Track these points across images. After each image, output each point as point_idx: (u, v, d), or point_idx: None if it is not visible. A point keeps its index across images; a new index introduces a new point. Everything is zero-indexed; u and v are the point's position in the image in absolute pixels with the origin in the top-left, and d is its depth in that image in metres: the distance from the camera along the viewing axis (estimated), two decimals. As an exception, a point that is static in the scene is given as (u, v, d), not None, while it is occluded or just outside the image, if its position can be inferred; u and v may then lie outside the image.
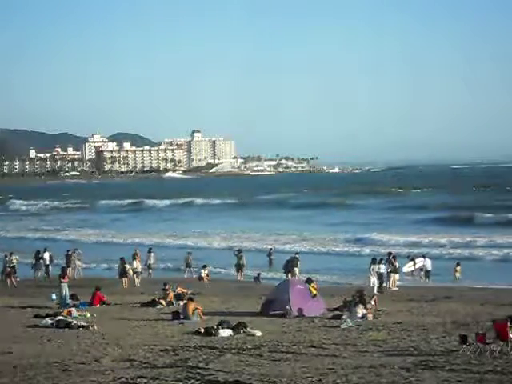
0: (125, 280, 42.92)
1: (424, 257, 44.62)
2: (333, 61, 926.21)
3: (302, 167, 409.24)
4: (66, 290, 34.63)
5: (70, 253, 48.87)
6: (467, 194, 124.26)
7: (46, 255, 48.16)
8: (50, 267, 47.54)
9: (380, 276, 39.31)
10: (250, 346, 21.60)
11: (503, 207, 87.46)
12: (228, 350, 20.97)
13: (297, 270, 44.16)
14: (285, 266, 44.60)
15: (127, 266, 43.39)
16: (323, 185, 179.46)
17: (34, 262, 48.59)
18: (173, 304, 32.92)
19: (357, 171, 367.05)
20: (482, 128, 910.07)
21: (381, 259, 40.66)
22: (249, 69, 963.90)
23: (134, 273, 43.79)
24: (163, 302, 33.41)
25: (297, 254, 46.27)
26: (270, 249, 52.74)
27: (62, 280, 35.05)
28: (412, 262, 44.71)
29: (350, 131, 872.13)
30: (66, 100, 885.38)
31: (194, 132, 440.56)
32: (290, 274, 43.17)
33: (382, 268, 39.69)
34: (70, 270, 47.36)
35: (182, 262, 48.68)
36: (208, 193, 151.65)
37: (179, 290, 36.00)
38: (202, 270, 45.25)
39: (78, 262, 48.49)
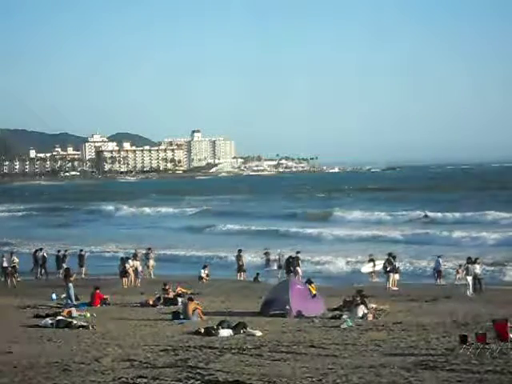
0: (125, 280, 42.95)
1: (439, 257, 43.83)
2: (333, 61, 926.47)
3: (302, 167, 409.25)
4: (72, 290, 35.02)
5: (82, 253, 48.82)
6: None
7: (40, 255, 48.25)
8: (65, 264, 47.14)
9: (475, 276, 37.41)
10: (250, 346, 21.59)
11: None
12: (228, 350, 20.96)
13: (299, 269, 44.04)
14: (285, 266, 44.51)
15: (127, 266, 43.41)
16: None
17: (33, 262, 48.64)
18: (173, 303, 32.99)
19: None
20: (482, 128, 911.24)
21: (476, 258, 38.74)
22: (249, 69, 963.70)
23: (135, 273, 43.83)
24: (168, 296, 33.83)
25: (298, 253, 45.92)
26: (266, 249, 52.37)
27: (71, 279, 35.65)
28: (372, 263, 44.13)
29: (350, 131, 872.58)
30: (65, 100, 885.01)
31: (193, 132, 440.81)
32: (290, 274, 43.11)
33: (477, 268, 37.73)
34: (83, 270, 47.42)
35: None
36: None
37: (179, 289, 36.07)
38: (202, 270, 45.24)
39: (151, 262, 47.58)
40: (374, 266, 44.01)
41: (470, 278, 37.18)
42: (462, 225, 71.11)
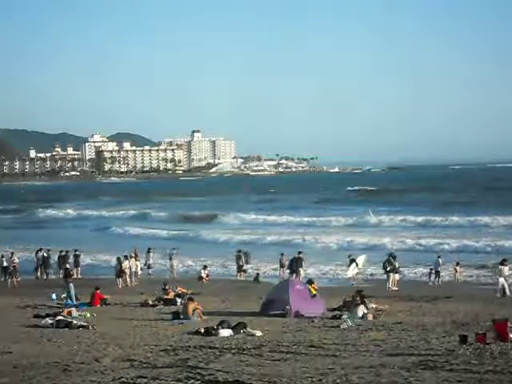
0: (121, 280, 42.81)
1: (439, 257, 43.61)
2: (333, 61, 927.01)
3: (302, 167, 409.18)
4: (73, 290, 35.04)
5: (78, 253, 48.78)
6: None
7: (40, 255, 48.25)
8: (71, 266, 46.95)
9: (505, 279, 36.20)
10: (250, 346, 21.58)
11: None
12: (228, 350, 20.96)
13: (301, 270, 43.92)
14: (289, 266, 44.41)
15: (125, 265, 43.32)
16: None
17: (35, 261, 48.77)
18: (174, 303, 32.99)
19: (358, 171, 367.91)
20: (482, 128, 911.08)
21: (504, 260, 37.40)
22: (249, 69, 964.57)
23: (134, 272, 43.81)
24: (168, 296, 33.82)
25: (300, 253, 45.73)
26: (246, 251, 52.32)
27: (70, 280, 35.84)
28: (354, 264, 43.54)
29: (350, 131, 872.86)
30: (65, 100, 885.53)
31: (194, 132, 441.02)
32: (294, 274, 43.04)
33: (506, 270, 36.38)
34: (78, 270, 47.42)
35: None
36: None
37: (179, 289, 36.05)
38: (202, 271, 45.26)
39: (174, 262, 48.00)
40: (357, 265, 43.72)
41: (501, 280, 36.29)
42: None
